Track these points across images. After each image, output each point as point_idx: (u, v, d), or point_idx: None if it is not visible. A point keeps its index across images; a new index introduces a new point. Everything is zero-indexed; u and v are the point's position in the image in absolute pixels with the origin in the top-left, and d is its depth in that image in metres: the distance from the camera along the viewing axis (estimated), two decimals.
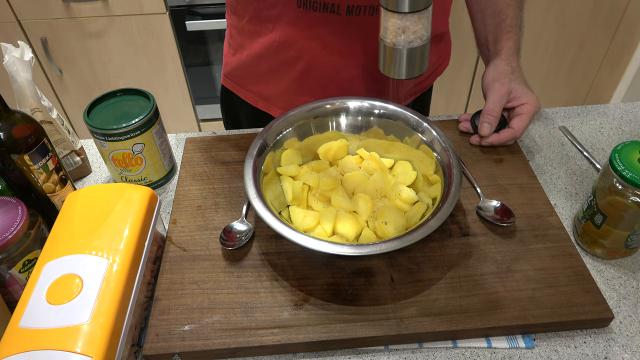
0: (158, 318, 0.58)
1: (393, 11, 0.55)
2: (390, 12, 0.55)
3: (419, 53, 0.59)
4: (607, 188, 0.59)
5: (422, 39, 0.57)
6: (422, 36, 0.57)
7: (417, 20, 0.55)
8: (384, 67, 0.61)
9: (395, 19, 0.55)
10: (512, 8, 0.81)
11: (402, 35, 0.56)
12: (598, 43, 1.86)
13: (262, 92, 0.90)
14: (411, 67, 0.60)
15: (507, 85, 0.77)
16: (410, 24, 0.55)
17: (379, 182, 0.69)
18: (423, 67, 0.61)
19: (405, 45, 0.57)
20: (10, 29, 1.63)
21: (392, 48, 0.58)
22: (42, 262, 0.53)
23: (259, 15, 0.79)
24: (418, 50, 0.58)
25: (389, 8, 0.55)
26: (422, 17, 0.55)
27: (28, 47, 0.70)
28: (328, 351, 0.57)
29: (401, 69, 0.60)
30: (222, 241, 0.64)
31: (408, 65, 0.60)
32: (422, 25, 0.56)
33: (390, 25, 0.56)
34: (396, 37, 0.57)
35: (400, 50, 0.58)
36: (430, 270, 0.61)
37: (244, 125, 0.99)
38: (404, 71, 0.60)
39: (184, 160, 0.78)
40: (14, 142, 0.60)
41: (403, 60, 0.59)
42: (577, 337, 0.57)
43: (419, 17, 0.55)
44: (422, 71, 0.61)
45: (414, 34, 0.56)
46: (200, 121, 1.99)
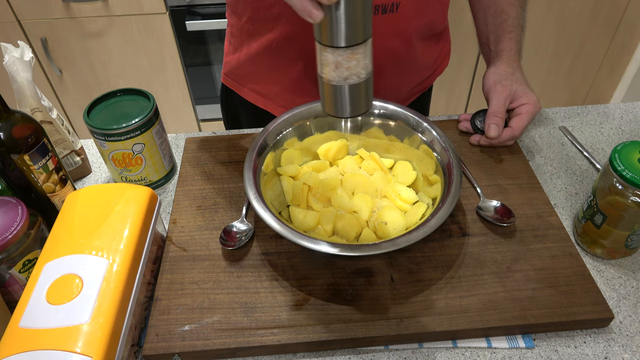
0: (158, 318, 0.58)
1: (323, 45, 0.49)
2: (321, 46, 0.50)
3: (361, 90, 0.53)
4: (607, 188, 0.59)
5: (358, 76, 0.51)
6: (359, 73, 0.51)
7: (349, 56, 0.49)
8: (324, 104, 0.55)
9: (327, 53, 0.50)
10: (514, 8, 0.81)
11: (336, 71, 0.51)
12: (598, 43, 1.86)
13: (261, 91, 0.90)
14: (355, 104, 0.54)
15: (509, 87, 0.77)
16: (342, 59, 0.49)
17: (379, 182, 0.69)
18: (368, 104, 0.55)
19: (340, 82, 0.51)
20: (10, 29, 1.63)
21: (329, 84, 0.52)
22: (42, 262, 0.53)
23: (258, 15, 0.79)
24: (358, 87, 0.52)
25: (319, 41, 0.49)
26: (357, 52, 0.49)
27: (28, 47, 0.70)
28: (328, 351, 0.57)
29: (344, 107, 0.54)
30: (222, 241, 0.64)
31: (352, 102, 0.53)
32: (355, 61, 0.50)
33: (323, 59, 0.51)
34: (329, 72, 0.51)
35: (336, 87, 0.52)
36: (430, 270, 0.61)
37: (244, 124, 0.99)
38: (347, 109, 0.54)
39: (184, 160, 0.78)
40: (14, 142, 0.60)
41: (344, 97, 0.53)
42: (577, 337, 0.57)
43: (352, 53, 0.49)
44: (368, 108, 0.55)
45: (348, 70, 0.50)
46: (200, 121, 1.99)
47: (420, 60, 0.86)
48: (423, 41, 0.83)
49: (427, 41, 0.84)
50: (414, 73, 0.88)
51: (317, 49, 0.51)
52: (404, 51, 0.81)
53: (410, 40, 0.80)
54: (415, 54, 0.83)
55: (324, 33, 0.48)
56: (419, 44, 0.82)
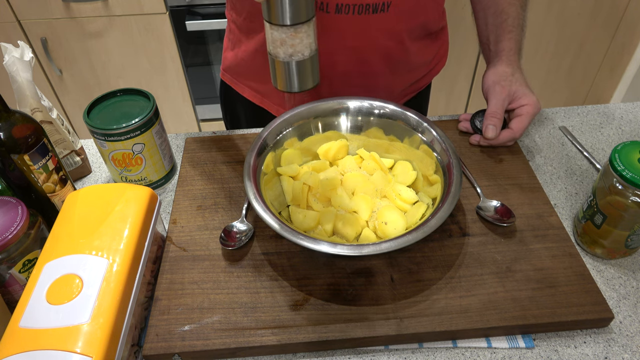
0: (158, 318, 0.58)
1: (269, 22, 0.54)
2: (267, 23, 0.54)
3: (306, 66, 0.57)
4: (607, 188, 0.59)
5: (302, 54, 0.56)
6: (302, 51, 0.55)
7: (292, 35, 0.54)
8: (274, 80, 0.60)
9: (273, 31, 0.54)
10: (514, 8, 0.81)
11: (281, 48, 0.55)
12: (598, 43, 1.86)
13: (258, 88, 0.90)
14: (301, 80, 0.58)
15: (508, 88, 0.77)
16: (286, 37, 0.54)
17: (379, 182, 0.69)
18: (315, 80, 0.59)
19: (285, 59, 0.56)
20: (10, 29, 1.63)
21: (275, 60, 0.57)
22: (42, 262, 0.53)
23: (253, 12, 0.79)
24: (303, 63, 0.56)
25: (265, 19, 0.54)
26: (299, 31, 0.54)
27: (28, 47, 0.70)
28: (328, 351, 0.57)
29: (292, 81, 0.58)
30: (222, 241, 0.64)
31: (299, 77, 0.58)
32: (299, 40, 0.54)
33: (270, 36, 0.55)
34: (276, 49, 0.55)
35: (283, 63, 0.56)
36: (430, 270, 0.61)
37: (242, 120, 0.99)
38: (295, 84, 0.58)
39: (184, 160, 0.78)
40: (14, 142, 0.60)
41: (292, 72, 0.57)
42: (577, 337, 0.57)
43: (295, 32, 0.53)
44: (315, 83, 0.59)
45: (292, 47, 0.55)
46: (200, 121, 1.99)
47: (414, 60, 0.86)
48: (417, 41, 0.83)
49: (421, 41, 0.84)
50: (407, 72, 0.88)
51: (265, 27, 0.55)
52: (396, 50, 0.81)
53: (402, 40, 0.80)
54: (409, 53, 0.83)
55: (270, 11, 0.53)
56: (413, 44, 0.82)
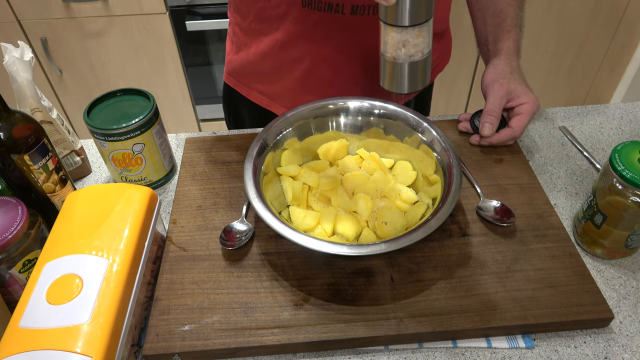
0: (158, 318, 0.58)
1: (392, 25, 0.53)
2: (389, 26, 0.54)
3: (421, 67, 0.57)
4: (607, 188, 0.59)
5: (423, 53, 0.56)
6: (423, 50, 0.56)
7: (417, 34, 0.54)
8: (385, 81, 0.60)
9: (395, 33, 0.54)
10: (512, 8, 0.81)
11: (403, 50, 0.55)
12: (598, 43, 1.86)
13: (265, 91, 0.90)
14: (413, 80, 0.58)
15: (507, 86, 0.77)
16: (410, 37, 0.54)
17: (379, 182, 0.69)
18: (426, 80, 0.60)
19: (406, 60, 0.56)
20: (10, 29, 1.63)
21: (393, 62, 0.57)
22: (42, 262, 0.53)
23: (263, 14, 0.79)
24: (420, 64, 0.57)
25: (388, 22, 0.53)
26: (423, 30, 0.54)
27: (28, 47, 0.70)
28: (328, 351, 0.57)
29: (403, 83, 0.59)
30: (222, 241, 0.64)
31: (410, 79, 0.58)
32: (422, 39, 0.54)
33: (390, 39, 0.55)
34: (396, 51, 0.55)
35: (401, 65, 0.56)
36: (430, 270, 0.61)
37: (246, 123, 0.99)
38: (406, 85, 0.59)
39: (184, 160, 0.78)
40: (14, 142, 0.60)
41: (404, 74, 0.58)
42: (577, 337, 0.57)
43: (419, 31, 0.54)
44: (425, 84, 0.60)
45: (414, 47, 0.55)
46: (200, 121, 1.99)
47: None
48: None
49: None
50: None
51: (381, 29, 0.55)
52: None
53: None
54: None
55: (390, 13, 0.52)
56: None
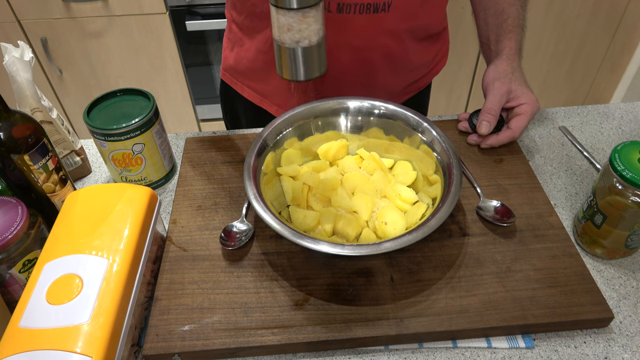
0: (158, 318, 0.58)
1: (276, 6, 0.51)
2: (274, 7, 0.52)
3: (312, 53, 0.55)
4: (607, 188, 0.59)
5: (310, 40, 0.53)
6: (310, 37, 0.53)
7: (300, 19, 0.51)
8: (279, 68, 0.57)
9: (280, 15, 0.52)
10: (514, 8, 0.81)
11: (288, 34, 0.53)
12: (598, 43, 1.86)
13: (257, 88, 0.90)
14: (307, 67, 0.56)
15: (507, 85, 0.77)
16: (294, 22, 0.52)
17: (379, 182, 0.69)
18: (321, 69, 0.57)
19: (292, 45, 0.53)
20: (10, 29, 1.63)
21: (280, 47, 0.54)
22: (42, 262, 0.53)
23: (255, 11, 0.79)
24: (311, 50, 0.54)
25: (272, 2, 0.52)
26: (307, 16, 0.51)
27: (28, 47, 0.70)
28: (328, 351, 0.57)
29: (297, 69, 0.56)
30: (222, 241, 0.64)
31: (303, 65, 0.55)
32: (307, 25, 0.52)
33: (276, 21, 0.53)
34: (281, 34, 0.53)
35: (290, 50, 0.54)
36: (430, 270, 0.61)
37: (242, 120, 0.99)
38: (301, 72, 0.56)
39: (184, 160, 0.78)
40: (14, 142, 0.60)
41: (297, 60, 0.55)
42: (577, 337, 0.57)
43: (302, 16, 0.51)
44: (321, 72, 0.57)
45: (299, 33, 0.52)
46: (200, 121, 1.99)
47: (415, 60, 0.86)
48: (418, 42, 0.83)
49: (422, 42, 0.84)
50: (408, 72, 0.88)
51: (271, 12, 0.53)
52: (397, 50, 0.81)
53: (403, 40, 0.80)
54: (409, 53, 0.83)
55: None
56: (413, 45, 0.82)
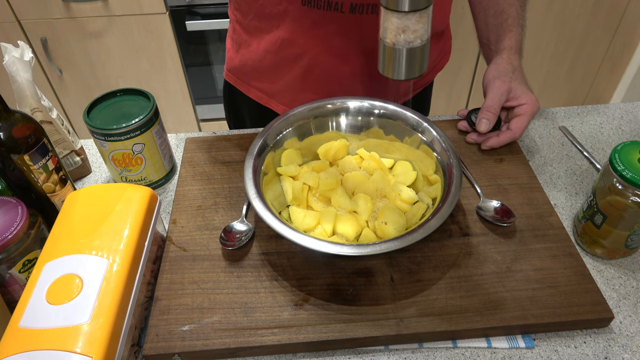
0: (158, 318, 0.58)
1: (393, 10, 0.54)
2: (390, 11, 0.55)
3: (419, 53, 0.58)
4: (607, 188, 0.59)
5: (422, 39, 0.56)
6: (422, 36, 0.56)
7: (417, 20, 0.55)
8: (384, 67, 0.60)
9: (395, 18, 0.55)
10: (514, 7, 0.81)
11: (402, 35, 0.56)
12: (598, 43, 1.86)
13: (264, 88, 0.90)
14: (411, 67, 0.59)
15: (508, 84, 0.77)
16: (410, 23, 0.55)
17: (379, 182, 0.69)
18: (423, 67, 0.60)
19: (404, 45, 0.56)
20: (10, 29, 1.63)
21: (392, 48, 0.57)
22: (42, 262, 0.53)
23: (263, 12, 0.79)
24: (418, 50, 0.57)
25: (389, 7, 0.54)
26: (423, 16, 0.55)
27: (28, 47, 0.70)
28: (328, 351, 0.57)
29: (400, 69, 0.59)
30: (222, 241, 0.64)
31: (408, 65, 0.59)
32: (422, 25, 0.55)
33: (390, 24, 0.55)
34: (396, 37, 0.56)
35: (400, 50, 0.57)
36: (430, 270, 0.61)
37: (246, 120, 0.99)
38: (403, 72, 0.59)
39: (184, 160, 0.78)
40: (14, 142, 0.60)
41: (402, 60, 0.58)
42: (577, 337, 0.57)
43: (419, 17, 0.54)
44: (422, 71, 0.60)
45: (414, 33, 0.55)
46: (200, 121, 1.99)
47: None
48: None
49: None
50: None
51: (381, 14, 0.56)
52: None
53: None
54: None
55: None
56: None
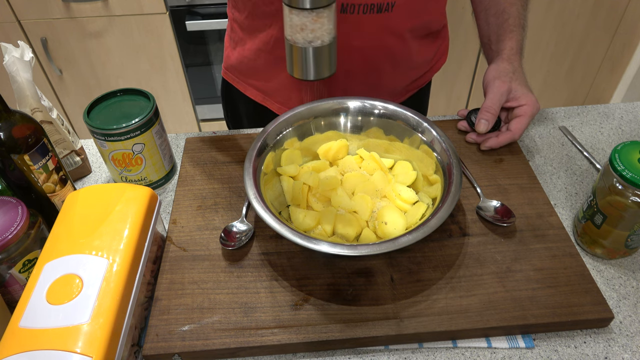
0: (158, 318, 0.58)
1: (291, 6, 0.52)
2: (288, 7, 0.53)
3: (323, 53, 0.55)
4: (607, 188, 0.59)
5: (322, 40, 0.54)
6: (322, 37, 0.54)
7: (314, 19, 0.52)
8: (291, 68, 0.58)
9: (293, 15, 0.53)
10: (515, 8, 0.81)
11: (301, 33, 0.53)
12: (598, 43, 1.86)
13: (260, 87, 0.90)
14: (318, 67, 0.56)
15: (508, 84, 0.77)
16: (308, 21, 0.52)
17: (379, 182, 0.69)
18: (332, 69, 0.57)
19: (304, 45, 0.54)
20: (10, 29, 1.63)
21: (293, 46, 0.55)
22: (42, 262, 0.53)
23: (257, 11, 0.79)
24: (322, 50, 0.55)
25: (287, 2, 0.52)
26: (321, 16, 0.52)
27: (28, 47, 0.70)
28: (328, 351, 0.57)
29: (308, 69, 0.57)
30: (222, 241, 0.64)
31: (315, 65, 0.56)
32: (320, 24, 0.53)
33: (288, 21, 0.54)
34: (294, 34, 0.54)
35: (301, 50, 0.55)
36: (430, 270, 0.61)
37: (243, 118, 0.99)
38: (311, 72, 0.57)
39: (184, 160, 0.78)
40: (14, 142, 0.60)
41: (308, 60, 0.56)
42: (577, 337, 0.57)
43: (317, 16, 0.52)
44: (331, 72, 0.57)
45: (312, 32, 0.53)
46: (200, 121, 1.99)
47: (416, 58, 0.87)
48: (419, 40, 0.83)
49: (423, 40, 0.84)
50: (409, 70, 0.88)
51: (284, 12, 0.53)
52: (399, 49, 0.81)
53: (406, 39, 0.80)
54: (411, 52, 0.83)
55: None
56: (415, 43, 0.82)
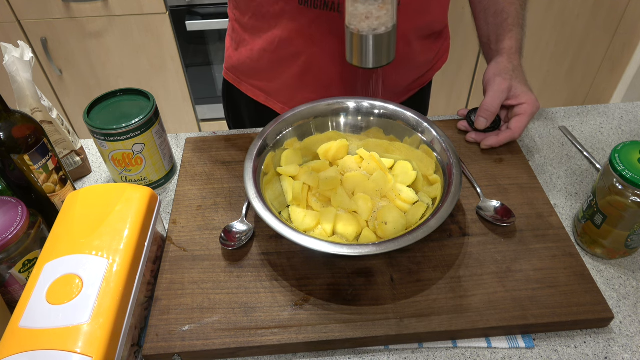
0: (158, 318, 0.58)
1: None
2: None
3: (385, 40, 0.57)
4: (607, 188, 0.59)
5: (386, 26, 0.56)
6: (387, 23, 0.56)
7: (380, 6, 0.54)
8: (351, 56, 0.60)
9: (359, 4, 0.55)
10: (514, 7, 0.81)
11: (366, 22, 0.55)
12: (598, 43, 1.86)
13: (263, 87, 0.90)
14: (378, 55, 0.58)
15: (508, 82, 0.77)
16: (374, 9, 0.54)
17: (379, 182, 0.69)
18: (390, 56, 0.60)
19: (369, 32, 0.56)
20: (10, 29, 1.63)
21: (357, 35, 0.57)
22: (42, 262, 0.53)
23: (261, 11, 0.79)
24: (384, 37, 0.57)
25: None
26: (386, 2, 0.54)
27: (28, 47, 0.70)
28: (328, 351, 0.57)
29: (367, 57, 0.59)
30: (222, 241, 0.64)
31: (375, 53, 0.58)
32: (386, 11, 0.55)
33: (354, 10, 0.55)
34: (360, 23, 0.56)
35: (365, 37, 0.57)
36: (430, 270, 0.61)
37: (245, 119, 0.99)
38: (371, 60, 0.59)
39: (184, 160, 0.78)
40: (14, 142, 0.60)
41: (369, 47, 0.58)
42: (577, 337, 0.57)
43: (382, 3, 0.54)
44: (389, 60, 0.60)
45: (378, 20, 0.55)
46: (200, 121, 1.99)
47: (419, 58, 0.87)
48: (422, 40, 0.83)
49: (426, 40, 0.84)
50: (412, 70, 0.89)
51: (347, 2, 0.56)
52: (402, 49, 0.81)
53: (409, 40, 0.80)
54: (414, 52, 0.83)
55: None
56: (418, 43, 0.82)
